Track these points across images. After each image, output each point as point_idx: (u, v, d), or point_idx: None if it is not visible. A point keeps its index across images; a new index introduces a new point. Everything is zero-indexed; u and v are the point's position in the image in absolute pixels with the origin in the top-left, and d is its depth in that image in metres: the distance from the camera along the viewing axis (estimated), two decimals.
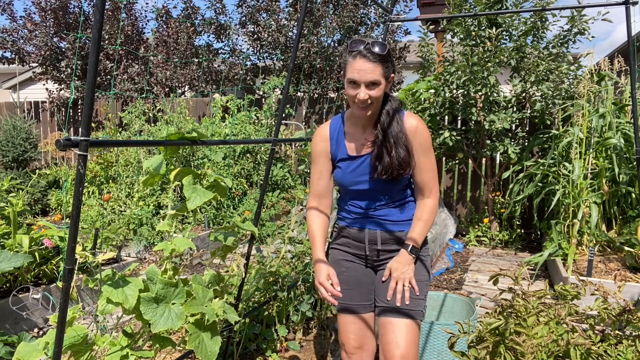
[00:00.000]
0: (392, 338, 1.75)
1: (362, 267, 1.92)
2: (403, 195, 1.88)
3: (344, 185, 1.88)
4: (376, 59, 1.63)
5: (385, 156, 1.75)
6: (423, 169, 1.81)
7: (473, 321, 2.45)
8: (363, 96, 1.65)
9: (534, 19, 5.09)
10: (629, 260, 3.87)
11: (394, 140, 1.75)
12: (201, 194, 1.84)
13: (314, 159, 1.90)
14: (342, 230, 1.95)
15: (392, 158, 1.74)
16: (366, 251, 1.89)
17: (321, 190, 1.91)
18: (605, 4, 2.79)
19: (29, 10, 8.96)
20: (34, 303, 3.15)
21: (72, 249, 1.35)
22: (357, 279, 1.90)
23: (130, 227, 5.03)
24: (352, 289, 1.89)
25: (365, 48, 1.63)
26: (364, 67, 1.63)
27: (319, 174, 1.90)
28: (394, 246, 1.85)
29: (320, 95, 8.12)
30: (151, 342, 1.74)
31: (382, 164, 1.75)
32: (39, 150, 7.36)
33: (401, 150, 1.74)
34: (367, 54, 1.63)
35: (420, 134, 1.79)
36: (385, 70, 1.66)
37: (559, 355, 1.72)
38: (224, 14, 8.68)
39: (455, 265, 4.76)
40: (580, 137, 4.41)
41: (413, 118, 1.80)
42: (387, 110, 1.78)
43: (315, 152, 1.89)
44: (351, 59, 1.65)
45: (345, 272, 1.91)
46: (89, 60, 1.26)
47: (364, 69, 1.63)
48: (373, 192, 1.84)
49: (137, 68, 8.68)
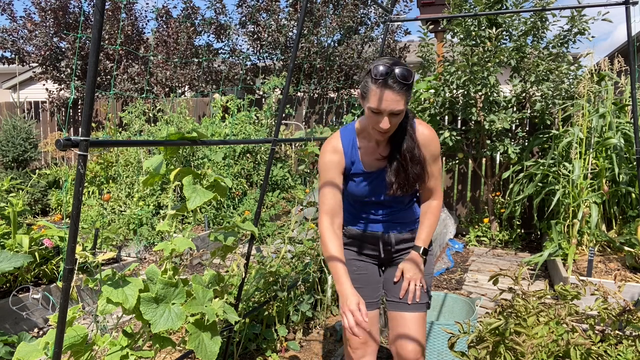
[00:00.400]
0: (405, 331, 1.83)
1: (372, 266, 1.97)
2: (412, 199, 1.94)
3: (357, 198, 1.88)
4: (402, 88, 1.56)
5: (401, 173, 1.75)
6: (432, 175, 1.83)
7: (473, 321, 2.45)
8: (386, 126, 1.60)
9: (534, 19, 5.09)
10: (629, 260, 3.87)
11: (409, 157, 1.74)
12: (201, 194, 1.84)
13: (324, 174, 1.79)
14: (353, 234, 1.96)
15: (408, 175, 1.75)
16: (381, 254, 1.93)
17: (334, 207, 1.79)
18: (605, 4, 2.79)
19: (29, 10, 8.96)
20: (34, 303, 3.15)
21: (72, 249, 1.35)
22: (367, 278, 1.96)
23: (130, 227, 5.03)
24: (361, 287, 1.92)
25: (391, 77, 1.55)
26: (388, 97, 1.56)
27: (331, 190, 1.78)
28: (406, 244, 1.93)
29: (320, 95, 8.12)
30: (151, 342, 1.74)
31: (397, 181, 1.76)
32: (39, 150, 7.36)
33: (417, 167, 1.75)
34: (392, 85, 1.55)
35: (433, 144, 1.79)
36: (407, 96, 1.60)
37: (559, 355, 1.72)
38: (224, 14, 8.68)
39: (455, 265, 4.76)
40: (580, 137, 4.41)
41: (425, 127, 1.79)
42: (403, 126, 1.74)
43: (327, 166, 1.79)
44: (375, 87, 1.57)
45: (356, 272, 1.94)
46: (89, 60, 1.26)
47: (388, 99, 1.56)
48: (386, 202, 1.87)
49: (137, 68, 8.68)
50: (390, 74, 1.55)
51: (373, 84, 1.57)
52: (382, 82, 1.55)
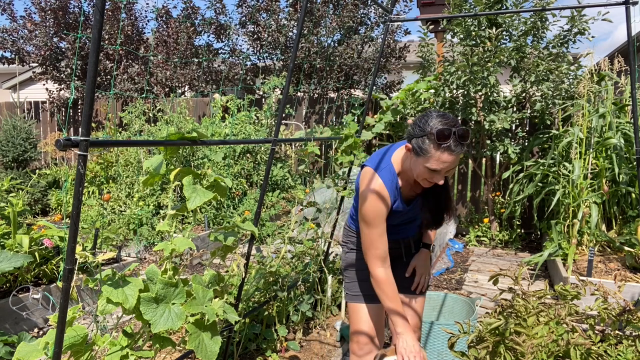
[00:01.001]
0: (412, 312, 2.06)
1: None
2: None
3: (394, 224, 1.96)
4: (462, 149, 1.61)
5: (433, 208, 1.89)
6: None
7: (473, 321, 2.45)
8: (442, 182, 1.69)
9: (534, 19, 5.09)
10: (629, 260, 3.86)
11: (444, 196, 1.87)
12: (201, 194, 1.84)
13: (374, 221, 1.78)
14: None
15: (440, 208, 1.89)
16: (404, 257, 2.09)
17: (385, 250, 1.81)
18: (605, 4, 2.79)
19: (29, 10, 8.95)
20: (34, 303, 3.15)
21: (72, 249, 1.35)
22: None
23: (130, 227, 5.03)
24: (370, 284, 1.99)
25: (454, 141, 1.58)
26: (450, 159, 1.61)
27: (381, 234, 1.80)
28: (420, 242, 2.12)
29: (320, 95, 8.12)
30: (151, 342, 1.74)
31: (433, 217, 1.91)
32: (39, 150, 7.36)
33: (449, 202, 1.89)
34: (454, 149, 1.59)
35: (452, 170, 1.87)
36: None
37: (559, 355, 1.72)
38: (224, 14, 8.68)
39: (455, 265, 4.76)
40: (580, 137, 4.41)
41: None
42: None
43: (377, 214, 1.78)
44: (438, 151, 1.60)
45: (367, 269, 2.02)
46: (89, 60, 1.26)
47: (449, 161, 1.61)
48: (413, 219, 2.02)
49: (137, 68, 8.68)
50: (454, 140, 1.58)
51: (435, 149, 1.60)
52: (446, 147, 1.58)
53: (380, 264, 1.80)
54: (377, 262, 1.80)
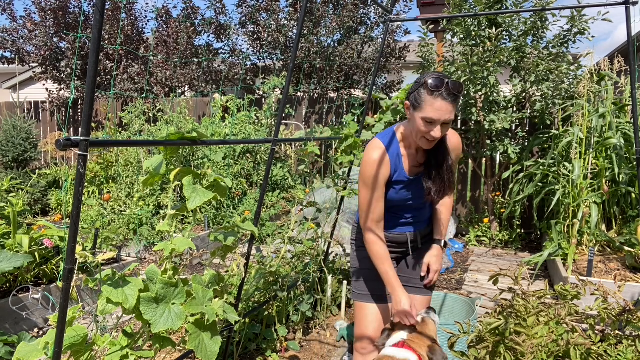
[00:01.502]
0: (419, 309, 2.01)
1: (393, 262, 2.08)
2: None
3: (393, 204, 1.97)
4: (454, 99, 1.68)
5: (438, 181, 1.88)
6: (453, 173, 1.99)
7: (473, 321, 2.45)
8: (439, 135, 1.71)
9: (534, 19, 5.08)
10: (629, 260, 3.86)
11: (445, 167, 1.88)
12: (201, 194, 1.83)
13: (370, 183, 1.85)
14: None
15: (443, 182, 1.88)
16: (409, 250, 2.08)
17: (380, 214, 1.90)
18: (605, 4, 2.79)
19: (29, 10, 8.96)
20: (34, 303, 3.15)
21: (72, 249, 1.35)
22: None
23: (130, 227, 5.03)
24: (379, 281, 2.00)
25: (445, 89, 1.66)
26: (443, 107, 1.67)
27: (376, 200, 1.87)
28: (426, 238, 2.11)
29: (320, 95, 8.12)
30: (151, 342, 1.74)
31: (435, 187, 1.89)
32: (39, 150, 7.35)
33: (450, 174, 1.89)
34: (447, 96, 1.66)
35: (459, 148, 1.97)
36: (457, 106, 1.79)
37: (559, 355, 1.72)
38: (224, 14, 8.68)
39: (455, 265, 4.76)
40: (580, 137, 4.41)
41: (453, 135, 1.94)
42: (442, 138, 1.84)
43: (374, 176, 1.85)
44: (430, 97, 1.67)
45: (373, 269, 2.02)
46: (89, 60, 1.26)
47: (443, 109, 1.67)
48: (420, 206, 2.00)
49: (137, 68, 8.68)
50: (445, 86, 1.66)
51: (429, 96, 1.68)
52: (439, 93, 1.66)
53: (374, 227, 1.90)
54: (372, 225, 1.90)
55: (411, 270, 2.11)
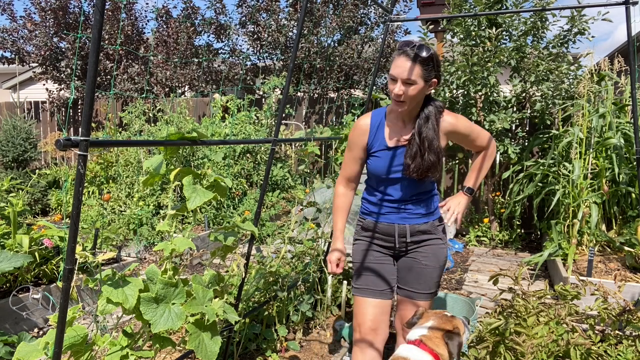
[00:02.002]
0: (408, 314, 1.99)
1: (387, 257, 2.07)
2: (430, 188, 2.03)
3: (377, 174, 1.98)
4: (417, 59, 1.74)
5: (418, 158, 1.88)
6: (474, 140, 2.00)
7: (473, 321, 2.45)
8: (397, 91, 1.77)
9: (534, 19, 5.08)
10: (629, 260, 3.86)
11: (427, 145, 1.87)
12: (201, 194, 1.83)
13: (350, 147, 2.01)
14: (370, 225, 2.06)
15: (423, 161, 1.87)
16: (396, 244, 2.02)
17: (351, 173, 2.05)
18: (605, 4, 2.79)
19: (29, 10, 8.96)
20: (34, 303, 3.15)
21: (72, 249, 1.35)
22: (381, 267, 2.05)
23: (130, 227, 5.03)
24: (373, 275, 2.02)
25: (410, 48, 1.75)
26: (403, 65, 1.75)
27: (352, 160, 2.02)
28: (419, 237, 2.01)
29: (320, 95, 8.12)
30: (151, 342, 1.74)
31: (414, 163, 1.88)
32: (39, 150, 7.35)
33: (432, 156, 1.87)
34: (410, 54, 1.74)
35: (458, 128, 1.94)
36: (424, 73, 1.76)
37: (559, 355, 1.72)
38: (224, 14, 8.68)
39: (455, 265, 4.76)
40: (580, 137, 4.41)
41: (451, 116, 1.94)
42: (426, 114, 1.88)
43: (353, 141, 2.00)
44: (395, 55, 1.78)
45: (372, 261, 2.05)
46: (89, 60, 1.26)
47: (403, 66, 1.75)
48: (404, 184, 1.96)
49: (137, 68, 8.68)
50: (411, 46, 1.75)
51: (395, 53, 1.79)
52: (402, 51, 1.76)
53: (345, 183, 2.08)
54: (342, 181, 2.08)
55: (406, 272, 2.03)
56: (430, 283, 2.01)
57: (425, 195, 2.01)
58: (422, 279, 2.00)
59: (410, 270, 2.02)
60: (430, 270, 2.00)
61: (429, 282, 2.01)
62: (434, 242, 2.02)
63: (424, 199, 2.01)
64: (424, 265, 2.00)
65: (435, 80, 1.83)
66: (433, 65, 1.78)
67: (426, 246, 2.02)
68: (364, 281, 2.05)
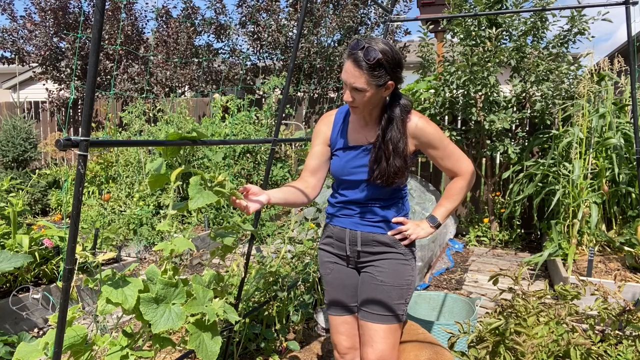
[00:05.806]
0: (369, 341, 1.81)
1: (344, 268, 1.93)
2: (395, 195, 1.86)
3: (336, 175, 1.87)
4: (364, 67, 1.59)
5: (383, 162, 1.74)
6: (442, 158, 1.79)
7: (473, 321, 2.45)
8: (346, 97, 1.69)
9: (534, 19, 5.09)
10: (629, 260, 3.87)
11: (392, 148, 1.72)
12: (205, 195, 1.83)
13: (312, 140, 1.92)
14: (327, 228, 1.97)
15: (389, 166, 1.73)
16: (347, 251, 1.88)
17: (310, 167, 1.89)
18: (605, 4, 2.79)
19: (29, 10, 8.96)
20: (34, 303, 3.15)
21: (72, 249, 1.35)
22: (342, 281, 1.93)
23: (130, 227, 5.03)
24: (338, 290, 1.92)
25: (359, 52, 1.60)
26: (351, 70, 1.63)
27: (313, 153, 1.91)
28: (374, 248, 1.83)
29: (320, 95, 8.12)
30: (151, 342, 1.74)
31: (379, 169, 1.74)
32: (39, 150, 7.35)
33: (398, 160, 1.72)
34: (357, 59, 1.60)
35: (427, 131, 1.75)
36: (373, 79, 1.61)
37: (559, 355, 1.72)
38: (224, 14, 8.68)
39: (455, 265, 4.76)
40: (580, 137, 4.41)
41: (419, 118, 1.77)
42: (389, 116, 1.73)
43: (316, 133, 1.91)
44: (345, 59, 1.65)
45: (330, 274, 1.95)
46: (89, 60, 1.26)
47: (350, 72, 1.63)
48: (363, 187, 1.82)
49: (137, 68, 8.68)
50: (360, 50, 1.60)
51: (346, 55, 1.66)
52: (352, 55, 1.62)
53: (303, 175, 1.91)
54: (303, 173, 1.91)
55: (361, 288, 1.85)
56: (387, 304, 1.77)
57: (389, 202, 1.83)
58: (376, 297, 1.79)
59: (364, 285, 1.84)
60: (387, 288, 1.78)
61: (384, 301, 1.78)
62: (394, 257, 1.81)
63: (387, 205, 1.83)
64: (379, 282, 1.79)
65: (391, 82, 1.66)
66: (385, 68, 1.61)
67: (383, 260, 1.82)
68: (331, 297, 1.95)
